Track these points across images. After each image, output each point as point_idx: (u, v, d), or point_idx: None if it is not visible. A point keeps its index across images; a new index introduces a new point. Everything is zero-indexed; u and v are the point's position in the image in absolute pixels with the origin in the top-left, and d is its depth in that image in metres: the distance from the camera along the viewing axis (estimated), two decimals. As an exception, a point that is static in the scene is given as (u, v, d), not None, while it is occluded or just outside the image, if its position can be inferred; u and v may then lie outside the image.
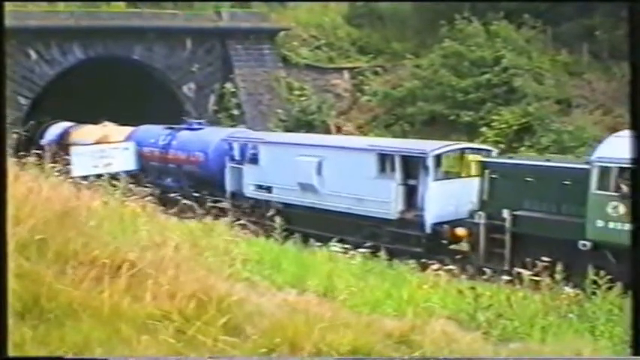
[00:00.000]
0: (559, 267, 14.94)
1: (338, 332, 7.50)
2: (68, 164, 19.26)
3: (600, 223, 17.14)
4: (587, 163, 17.95)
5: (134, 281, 7.65)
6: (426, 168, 21.14)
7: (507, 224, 18.93)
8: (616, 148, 17.28)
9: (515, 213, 18.86)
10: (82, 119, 33.65)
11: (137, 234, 9.51)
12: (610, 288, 11.12)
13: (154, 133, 29.66)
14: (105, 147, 27.69)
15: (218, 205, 22.58)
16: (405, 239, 20.98)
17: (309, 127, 34.82)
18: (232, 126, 34.53)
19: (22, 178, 9.41)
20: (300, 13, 40.47)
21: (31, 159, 11.08)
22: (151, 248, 8.61)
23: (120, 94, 36.10)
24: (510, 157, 21.68)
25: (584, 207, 17.51)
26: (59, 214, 8.45)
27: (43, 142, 31.55)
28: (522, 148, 29.56)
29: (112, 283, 7.51)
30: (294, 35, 39.17)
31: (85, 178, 14.25)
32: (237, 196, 25.88)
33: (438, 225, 20.63)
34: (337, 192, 22.66)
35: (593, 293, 11.17)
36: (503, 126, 31.15)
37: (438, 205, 20.83)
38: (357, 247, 14.83)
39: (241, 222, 15.11)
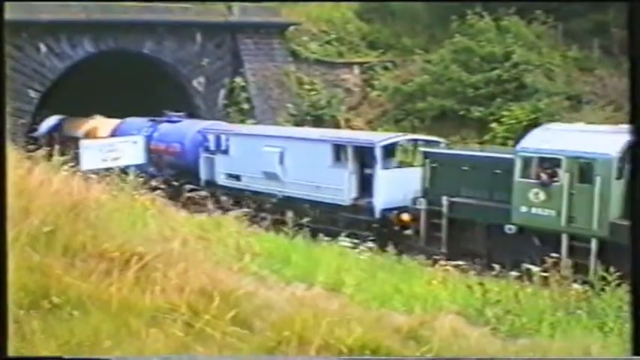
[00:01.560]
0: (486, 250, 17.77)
1: (346, 327, 7.51)
2: (75, 157, 19.38)
3: (524, 209, 18.54)
4: (513, 153, 19.34)
5: (143, 275, 7.67)
6: (374, 158, 22.52)
7: (444, 210, 20.34)
8: (538, 139, 19.12)
9: (452, 199, 20.28)
10: (91, 112, 33.85)
11: (146, 228, 9.54)
12: (619, 284, 11.07)
13: (138, 125, 30.83)
14: (114, 141, 27.89)
15: (195, 193, 23.03)
16: (358, 224, 22.21)
17: (319, 121, 34.79)
18: (242, 120, 34.58)
19: (32, 172, 9.42)
20: (311, 7, 40.38)
21: (41, 152, 11.08)
22: (160, 242, 8.63)
23: (130, 88, 36.13)
24: (450, 148, 23.24)
25: (512, 194, 18.95)
26: (69, 207, 8.47)
27: (36, 133, 31.96)
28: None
29: (120, 277, 7.53)
30: (304, 30, 39.10)
31: (94, 171, 14.27)
32: (210, 184, 27.02)
33: (387, 211, 21.97)
34: (297, 180, 24.24)
35: (602, 289, 11.13)
36: (513, 122, 31.03)
37: (386, 192, 22.18)
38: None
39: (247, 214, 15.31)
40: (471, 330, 8.36)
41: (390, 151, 23.33)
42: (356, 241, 16.28)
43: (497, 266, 13.69)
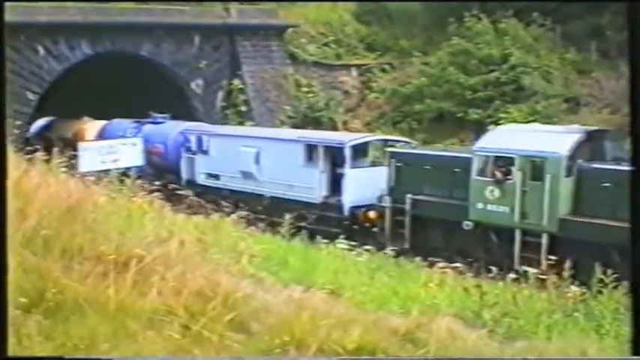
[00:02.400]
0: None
1: (344, 329, 7.51)
2: (73, 159, 19.42)
3: (480, 206, 19.37)
4: (471, 153, 20.09)
5: (140, 277, 7.67)
6: (343, 157, 23.29)
7: (408, 207, 21.00)
8: (494, 140, 20.09)
9: (415, 197, 20.95)
10: (89, 115, 33.90)
11: (144, 230, 9.53)
12: (616, 287, 11.09)
13: (124, 126, 31.50)
14: (112, 143, 27.93)
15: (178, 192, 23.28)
16: (328, 221, 22.78)
17: (317, 123, 34.80)
18: (240, 122, 34.57)
19: (29, 174, 9.42)
20: (309, 9, 40.38)
21: (39, 154, 11.08)
22: (158, 244, 8.63)
23: (128, 90, 36.13)
24: (413, 148, 23.91)
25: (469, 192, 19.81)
26: (66, 209, 8.47)
27: (26, 135, 32.15)
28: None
29: (118, 279, 7.54)
30: (302, 32, 39.10)
31: (92, 173, 14.29)
32: (191, 183, 27.46)
33: (355, 208, 22.70)
34: (272, 179, 25.02)
35: (600, 292, 11.14)
36: (510, 124, 31.08)
37: (354, 190, 22.90)
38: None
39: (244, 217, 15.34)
40: (468, 332, 8.37)
41: (361, 150, 24.07)
42: (353, 243, 16.37)
43: (494, 268, 13.79)
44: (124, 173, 15.59)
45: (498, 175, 19.09)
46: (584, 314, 10.25)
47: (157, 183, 23.65)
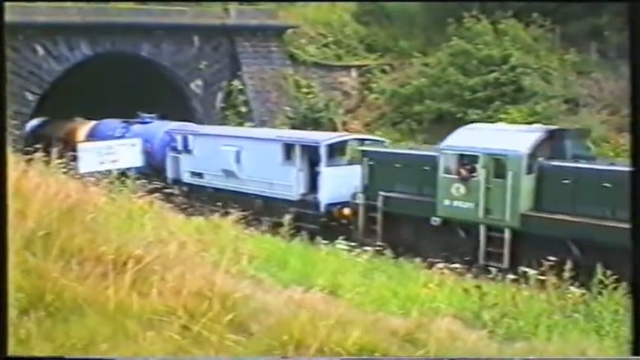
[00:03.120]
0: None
1: (343, 330, 7.50)
2: (73, 160, 19.46)
3: (447, 202, 20.09)
4: (438, 151, 20.82)
5: (140, 277, 7.66)
6: (319, 156, 23.98)
7: (380, 204, 21.70)
8: (459, 139, 20.69)
9: (386, 194, 21.64)
10: (89, 115, 33.95)
11: (143, 230, 9.52)
12: (616, 288, 11.09)
13: (112, 126, 32.44)
14: (112, 143, 28.03)
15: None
16: (305, 218, 23.24)
17: (317, 124, 34.79)
18: (240, 123, 34.57)
19: (28, 174, 9.42)
20: (308, 10, 40.39)
21: (38, 155, 11.07)
22: (157, 245, 8.62)
23: (127, 91, 36.14)
24: (385, 147, 24.59)
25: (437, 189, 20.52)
26: (65, 210, 8.46)
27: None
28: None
29: (117, 280, 7.53)
30: (301, 33, 39.11)
31: (92, 174, 14.28)
32: (176, 182, 28.01)
33: (331, 205, 23.40)
34: (252, 177, 25.82)
35: (600, 293, 11.14)
36: (510, 124, 31.07)
37: (330, 188, 23.60)
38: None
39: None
40: (468, 333, 8.36)
41: (338, 149, 24.86)
42: (353, 244, 16.40)
43: (493, 269, 13.86)
44: (124, 174, 15.59)
45: (463, 172, 19.76)
46: (584, 315, 10.25)
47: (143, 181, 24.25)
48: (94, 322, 7.04)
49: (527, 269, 12.00)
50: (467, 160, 19.82)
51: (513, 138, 19.73)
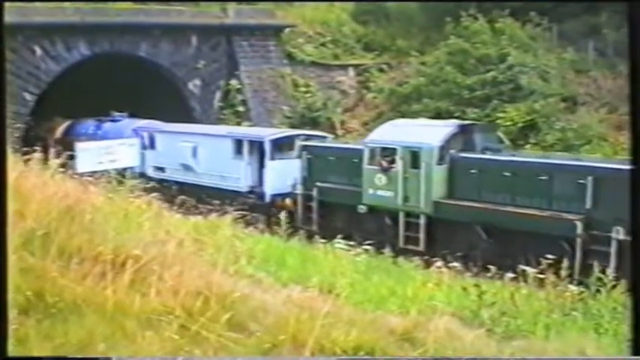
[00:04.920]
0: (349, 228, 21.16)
1: (341, 329, 7.51)
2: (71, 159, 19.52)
3: (371, 191, 22.05)
4: (363, 145, 22.78)
5: (138, 277, 7.67)
6: (263, 150, 26.03)
7: (315, 194, 23.78)
8: (381, 133, 22.88)
9: (321, 185, 23.71)
10: (87, 115, 33.97)
11: (142, 230, 9.52)
12: (615, 286, 11.10)
13: (86, 125, 34.09)
14: (110, 143, 28.04)
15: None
16: (253, 208, 24.30)
17: (315, 123, 34.78)
18: (238, 123, 34.57)
19: (26, 174, 9.42)
20: (306, 10, 40.40)
21: (36, 155, 11.06)
22: (155, 244, 8.62)
23: (125, 91, 36.10)
24: (322, 142, 26.30)
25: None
26: (64, 209, 8.46)
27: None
28: (527, 146, 29.45)
29: (116, 279, 7.53)
30: (299, 32, 39.10)
31: (90, 174, 14.26)
32: (142, 176, 27.91)
33: (276, 196, 25.24)
34: (207, 171, 27.75)
35: (598, 291, 11.14)
36: (508, 123, 31.02)
37: (274, 180, 25.49)
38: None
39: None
40: (467, 332, 8.35)
41: (286, 144, 26.34)
42: (352, 243, 16.47)
43: (492, 267, 13.92)
44: (121, 173, 15.57)
45: (384, 164, 21.63)
46: (583, 313, 10.23)
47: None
48: (92, 321, 7.04)
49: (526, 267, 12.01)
50: (387, 153, 21.63)
51: (428, 132, 21.59)
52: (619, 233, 16.76)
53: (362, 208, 22.22)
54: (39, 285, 7.22)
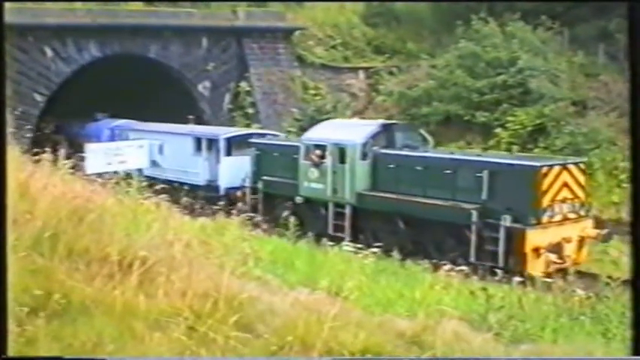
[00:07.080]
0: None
1: (349, 332, 7.51)
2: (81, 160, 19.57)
3: (306, 184, 24.14)
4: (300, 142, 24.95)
5: (146, 278, 7.68)
6: (218, 148, 28.50)
7: (260, 187, 25.79)
8: (316, 131, 25.07)
9: (266, 179, 25.65)
10: (97, 117, 34.18)
11: (150, 231, 9.53)
12: (623, 290, 11.07)
13: (72, 125, 35.66)
14: (120, 145, 28.17)
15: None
16: (210, 200, 26.06)
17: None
18: (247, 125, 34.59)
19: (36, 175, 9.44)
20: (316, 12, 40.40)
21: (46, 155, 11.09)
22: (163, 246, 8.63)
23: (136, 92, 36.19)
24: (270, 139, 27.89)
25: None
26: (72, 210, 8.48)
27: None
28: (536, 150, 29.40)
29: (124, 280, 7.54)
30: (309, 34, 39.11)
31: (99, 175, 14.31)
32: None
33: (230, 189, 27.36)
34: (172, 166, 29.92)
35: (606, 295, 11.12)
36: (517, 127, 30.98)
37: (228, 174, 27.74)
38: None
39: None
40: (474, 335, 8.34)
41: (243, 142, 27.92)
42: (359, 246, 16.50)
43: (499, 272, 13.91)
44: (130, 175, 15.62)
45: (316, 159, 23.66)
46: (591, 317, 10.22)
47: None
48: (100, 322, 7.05)
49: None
50: (319, 149, 23.62)
51: (354, 131, 23.79)
52: (506, 221, 18.97)
53: (299, 199, 24.25)
54: (47, 286, 7.23)
